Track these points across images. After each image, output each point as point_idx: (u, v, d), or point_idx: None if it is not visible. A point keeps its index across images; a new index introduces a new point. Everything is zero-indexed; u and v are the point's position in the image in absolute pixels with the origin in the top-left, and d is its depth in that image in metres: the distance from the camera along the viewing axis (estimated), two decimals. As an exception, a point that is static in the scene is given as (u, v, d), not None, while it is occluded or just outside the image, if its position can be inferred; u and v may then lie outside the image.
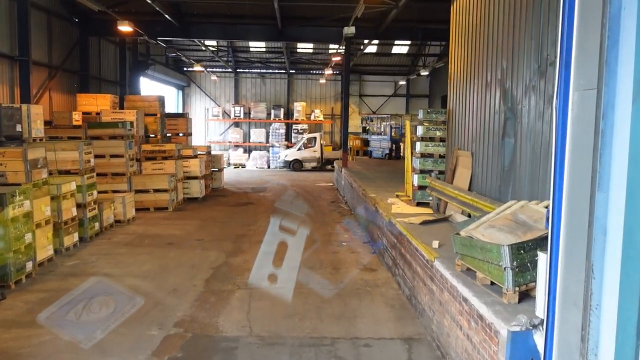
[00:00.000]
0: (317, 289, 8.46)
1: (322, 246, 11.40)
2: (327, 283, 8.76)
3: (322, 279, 8.99)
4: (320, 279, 8.98)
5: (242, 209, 16.26)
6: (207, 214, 15.37)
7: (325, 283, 8.75)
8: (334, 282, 8.83)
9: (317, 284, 8.67)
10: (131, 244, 11.41)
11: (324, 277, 9.10)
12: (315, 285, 8.64)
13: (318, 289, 8.43)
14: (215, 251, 10.83)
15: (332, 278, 9.04)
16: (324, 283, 8.74)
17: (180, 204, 16.82)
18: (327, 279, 8.96)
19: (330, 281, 8.86)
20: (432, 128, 10.10)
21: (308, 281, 8.83)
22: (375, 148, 25.48)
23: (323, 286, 8.59)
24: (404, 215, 9.31)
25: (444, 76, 34.19)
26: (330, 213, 15.68)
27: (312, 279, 8.94)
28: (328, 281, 8.86)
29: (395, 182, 15.11)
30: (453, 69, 9.72)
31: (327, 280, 8.92)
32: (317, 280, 8.87)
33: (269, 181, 24.41)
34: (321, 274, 9.26)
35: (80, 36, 19.09)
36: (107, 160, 15.20)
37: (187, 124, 20.84)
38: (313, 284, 8.67)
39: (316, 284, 8.70)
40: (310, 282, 8.77)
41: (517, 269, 4.69)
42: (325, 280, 8.90)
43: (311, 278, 9.00)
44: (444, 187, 8.87)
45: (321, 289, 8.47)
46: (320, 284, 8.68)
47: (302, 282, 8.80)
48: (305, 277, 9.06)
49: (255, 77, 34.49)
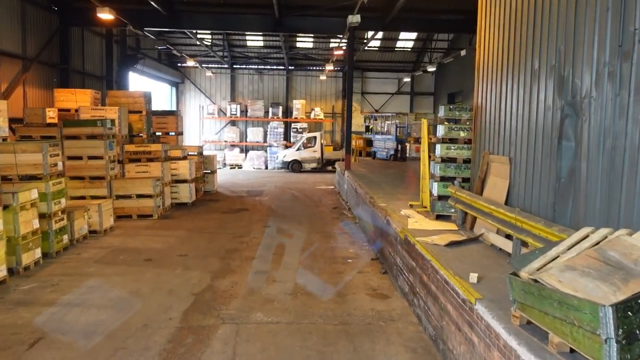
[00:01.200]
0: (320, 323, 6.91)
1: (324, 264, 9.84)
2: (331, 315, 7.19)
3: (326, 309, 7.42)
4: (324, 309, 7.42)
5: (235, 217, 14.68)
6: (196, 222, 13.80)
7: (330, 316, 7.18)
8: (340, 314, 7.27)
9: (320, 317, 7.11)
10: (103, 261, 9.84)
11: (328, 306, 7.54)
12: (318, 319, 7.08)
13: (321, 324, 6.88)
14: (199, 271, 9.26)
15: (338, 309, 7.47)
16: (328, 316, 7.18)
17: (167, 211, 15.25)
18: (331, 310, 7.40)
19: (336, 313, 7.29)
20: (455, 128, 8.54)
21: (308, 312, 7.28)
22: (380, 148, 23.91)
23: (327, 319, 7.04)
24: (423, 232, 7.76)
25: (450, 72, 32.87)
26: (333, 222, 14.11)
27: (314, 310, 7.38)
28: (332, 313, 7.29)
29: (405, 188, 13.55)
30: (482, 58, 8.16)
31: (332, 311, 7.35)
32: (319, 312, 7.30)
33: (265, 184, 22.84)
34: (324, 303, 7.69)
35: (60, 26, 17.50)
36: (85, 163, 13.67)
37: (177, 122, 19.28)
38: (315, 317, 7.11)
39: (318, 317, 7.14)
40: (311, 314, 7.21)
41: (624, 340, 3.14)
42: (329, 311, 7.34)
43: (312, 308, 7.44)
44: (473, 199, 7.31)
45: (325, 323, 6.91)
46: (323, 317, 7.12)
47: (301, 313, 7.25)
48: (304, 306, 7.51)
49: (253, 74, 32.91)
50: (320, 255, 10.44)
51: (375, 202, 11.00)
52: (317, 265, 9.72)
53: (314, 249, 11.05)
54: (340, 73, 32.97)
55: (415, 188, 13.53)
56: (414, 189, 13.36)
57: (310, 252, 10.72)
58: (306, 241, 11.70)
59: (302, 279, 8.83)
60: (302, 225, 13.55)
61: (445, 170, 8.67)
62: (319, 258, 10.26)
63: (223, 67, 32.36)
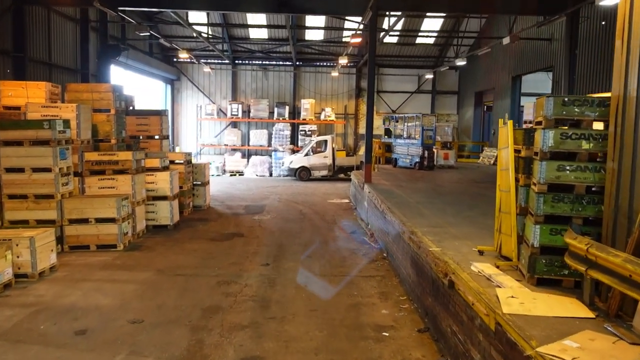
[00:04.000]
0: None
1: (346, 339, 6.41)
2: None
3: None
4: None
5: (225, 247, 11.29)
6: (171, 256, 10.41)
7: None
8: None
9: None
10: (6, 336, 6.45)
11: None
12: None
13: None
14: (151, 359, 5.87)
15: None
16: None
17: (139, 237, 11.92)
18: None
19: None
20: (574, 135, 5.11)
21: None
22: (402, 155, 20.42)
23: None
24: (531, 321, 4.32)
25: (478, 68, 29.00)
26: (352, 258, 10.63)
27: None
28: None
29: (456, 216, 10.06)
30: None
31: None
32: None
33: (268, 196, 19.44)
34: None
35: (12, 4, 14.20)
36: (28, 176, 10.48)
37: (161, 123, 15.92)
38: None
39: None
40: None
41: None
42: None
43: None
44: (630, 266, 3.89)
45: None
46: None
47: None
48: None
49: (256, 70, 29.56)
50: (340, 322, 7.01)
51: (420, 242, 7.54)
52: (336, 344, 6.28)
53: (329, 305, 7.64)
54: (354, 69, 29.55)
55: (470, 214, 10.10)
56: (469, 216, 9.93)
57: (324, 311, 7.31)
58: (319, 290, 8.27)
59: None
60: (312, 261, 10.13)
61: (555, 206, 5.20)
62: (339, 326, 6.84)
63: (224, 63, 29.05)
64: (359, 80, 29.89)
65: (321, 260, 10.22)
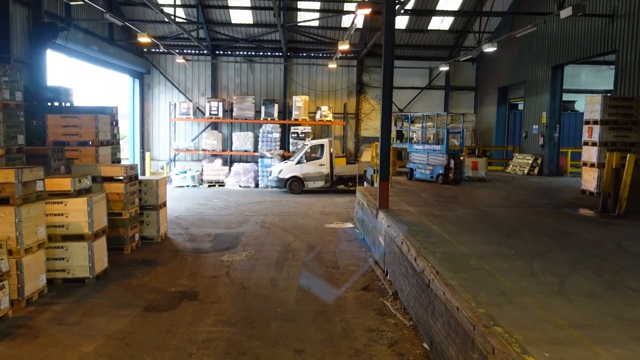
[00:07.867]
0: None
1: None
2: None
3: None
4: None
5: (159, 329, 6.86)
6: (57, 355, 5.99)
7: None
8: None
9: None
10: None
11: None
12: None
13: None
14: None
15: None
16: None
17: (32, 302, 7.54)
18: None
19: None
20: None
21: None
22: (420, 165, 16.03)
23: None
24: None
25: (502, 60, 23.75)
26: (381, 355, 6.23)
27: None
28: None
29: (557, 281, 5.67)
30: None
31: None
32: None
33: (249, 218, 15.07)
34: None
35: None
36: None
37: (96, 125, 11.55)
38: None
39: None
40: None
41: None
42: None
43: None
44: None
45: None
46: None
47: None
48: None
49: (240, 62, 25.15)
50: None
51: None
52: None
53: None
54: (355, 61, 25.24)
55: (585, 283, 5.66)
56: (591, 292, 5.52)
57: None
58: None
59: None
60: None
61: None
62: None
63: (202, 54, 24.67)
64: (361, 74, 25.59)
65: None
